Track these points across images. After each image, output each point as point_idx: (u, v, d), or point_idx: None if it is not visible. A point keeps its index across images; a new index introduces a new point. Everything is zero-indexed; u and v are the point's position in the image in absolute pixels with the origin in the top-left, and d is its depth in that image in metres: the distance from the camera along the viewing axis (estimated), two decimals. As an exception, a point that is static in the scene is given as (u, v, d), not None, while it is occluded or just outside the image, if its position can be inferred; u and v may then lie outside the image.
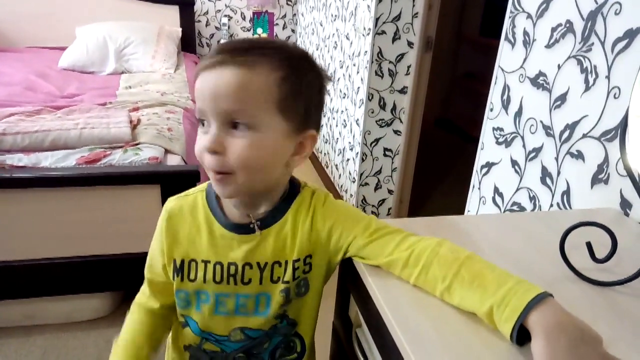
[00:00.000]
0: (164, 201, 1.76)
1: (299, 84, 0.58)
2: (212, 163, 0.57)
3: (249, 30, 3.62)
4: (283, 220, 0.64)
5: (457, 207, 1.50)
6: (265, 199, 0.64)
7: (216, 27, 3.58)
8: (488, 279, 0.50)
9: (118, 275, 1.63)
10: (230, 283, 0.64)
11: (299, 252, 0.63)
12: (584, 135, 0.93)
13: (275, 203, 0.64)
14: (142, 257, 1.98)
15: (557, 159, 1.00)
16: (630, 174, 0.64)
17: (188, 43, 3.36)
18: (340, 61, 2.57)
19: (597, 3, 0.90)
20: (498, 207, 1.22)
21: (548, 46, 1.03)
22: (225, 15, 3.54)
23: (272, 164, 0.60)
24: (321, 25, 3.01)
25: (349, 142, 2.44)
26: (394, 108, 2.19)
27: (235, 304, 0.65)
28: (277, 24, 3.65)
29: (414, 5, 2.02)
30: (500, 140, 1.21)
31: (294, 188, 0.66)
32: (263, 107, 0.56)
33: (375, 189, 2.35)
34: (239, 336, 0.66)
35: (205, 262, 0.65)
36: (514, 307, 0.46)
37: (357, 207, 2.12)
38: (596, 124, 0.90)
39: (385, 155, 2.28)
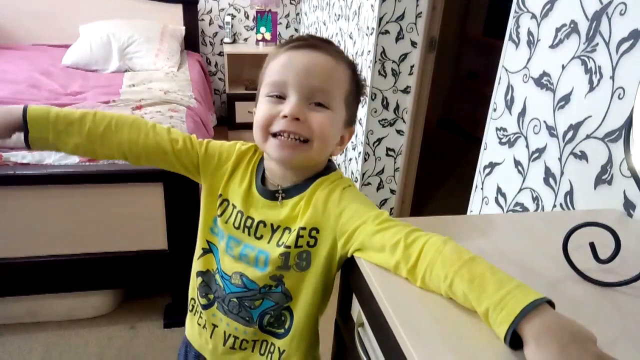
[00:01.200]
0: (166, 199, 1.76)
1: (358, 86, 0.72)
2: (291, 127, 0.64)
3: (252, 29, 3.62)
4: (303, 193, 0.70)
5: (460, 207, 1.50)
6: (296, 175, 0.71)
7: (219, 26, 3.59)
8: (488, 280, 0.50)
9: (120, 273, 1.63)
10: (244, 232, 0.72)
11: (306, 222, 0.68)
12: (588, 136, 0.93)
13: (302, 179, 0.71)
14: (144, 254, 1.99)
15: (560, 159, 1.00)
16: (634, 175, 0.64)
17: (191, 41, 3.37)
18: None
19: (602, 3, 0.90)
20: (501, 207, 1.22)
21: (552, 46, 1.03)
22: (229, 14, 3.55)
23: (331, 143, 0.69)
24: (324, 24, 3.01)
25: (352, 142, 2.44)
26: (396, 108, 2.19)
27: (240, 251, 0.72)
28: (280, 23, 3.65)
29: (417, 5, 2.01)
30: (504, 140, 1.21)
31: (326, 170, 0.73)
32: (337, 93, 0.67)
33: (378, 188, 2.35)
34: (238, 280, 0.73)
35: (234, 206, 0.74)
36: (509, 311, 0.46)
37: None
38: (600, 125, 0.90)
39: (387, 155, 2.28)
